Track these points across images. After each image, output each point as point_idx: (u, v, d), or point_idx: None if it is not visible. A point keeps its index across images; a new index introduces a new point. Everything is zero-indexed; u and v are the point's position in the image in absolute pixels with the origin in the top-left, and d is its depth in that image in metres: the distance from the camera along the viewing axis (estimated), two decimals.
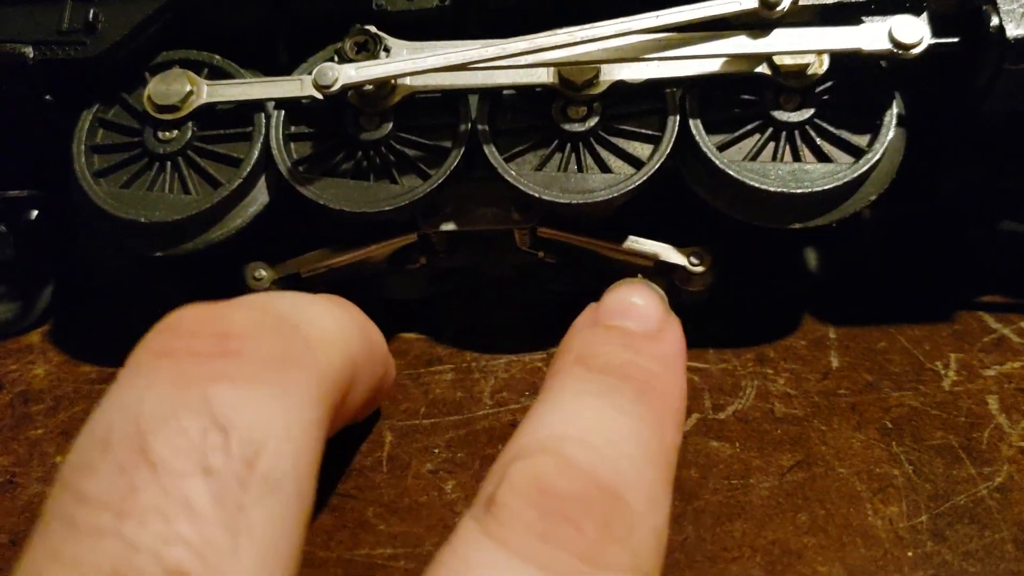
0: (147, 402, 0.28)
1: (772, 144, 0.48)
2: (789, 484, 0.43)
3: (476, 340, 0.54)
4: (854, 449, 0.45)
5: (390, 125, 0.49)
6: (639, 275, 0.52)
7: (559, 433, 0.32)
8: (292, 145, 0.50)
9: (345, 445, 0.47)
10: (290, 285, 0.52)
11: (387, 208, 0.48)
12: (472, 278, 0.57)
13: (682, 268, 0.50)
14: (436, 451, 0.46)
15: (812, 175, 0.47)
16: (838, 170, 0.47)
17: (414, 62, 0.46)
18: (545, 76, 0.48)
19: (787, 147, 0.48)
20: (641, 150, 0.48)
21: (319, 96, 0.48)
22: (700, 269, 0.50)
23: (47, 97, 0.51)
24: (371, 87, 0.48)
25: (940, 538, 0.39)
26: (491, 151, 0.48)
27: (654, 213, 0.52)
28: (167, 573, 0.24)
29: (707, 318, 0.54)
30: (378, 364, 0.42)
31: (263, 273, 0.51)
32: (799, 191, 0.47)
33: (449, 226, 0.51)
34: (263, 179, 0.50)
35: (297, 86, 0.50)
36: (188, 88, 0.50)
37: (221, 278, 0.53)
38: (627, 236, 0.51)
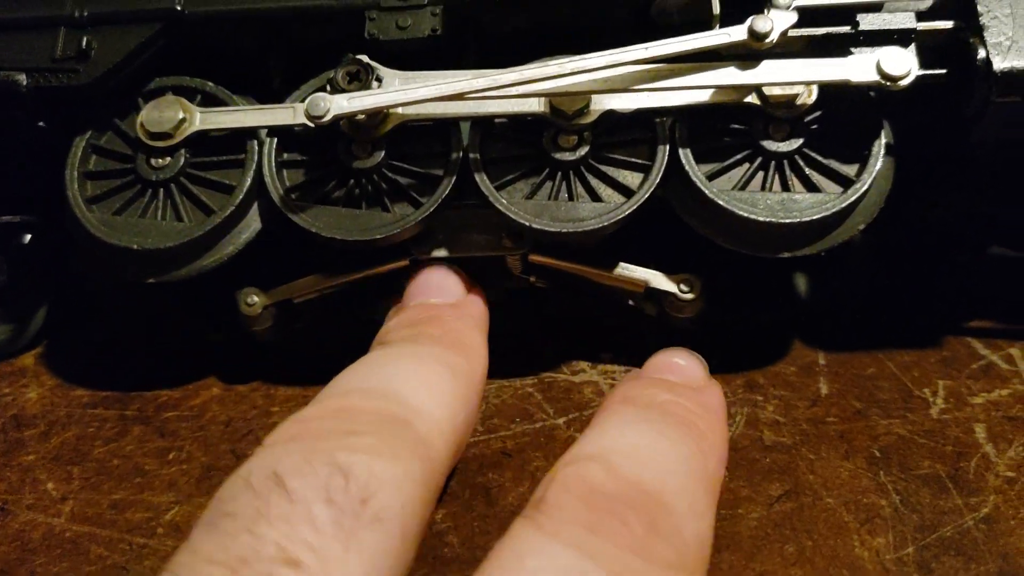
0: (283, 459, 0.32)
1: (761, 173, 0.48)
2: (777, 514, 0.43)
3: None
4: (842, 479, 0.45)
5: (382, 153, 0.49)
6: (630, 302, 0.53)
7: (608, 447, 0.35)
8: (285, 172, 0.50)
9: None
10: (282, 310, 0.52)
11: (379, 236, 0.48)
12: None
13: (672, 295, 0.50)
14: None
15: (801, 205, 0.47)
16: (827, 200, 0.47)
17: (406, 93, 0.46)
18: (536, 105, 0.49)
19: (776, 177, 0.48)
20: (631, 179, 0.49)
21: (311, 125, 0.48)
22: (690, 296, 0.50)
23: (40, 124, 0.51)
24: (363, 117, 0.48)
25: (926, 570, 0.40)
26: (482, 179, 0.49)
27: (644, 240, 0.52)
28: (285, 561, 0.28)
29: (697, 344, 0.54)
30: (478, 411, 0.45)
31: (255, 299, 0.51)
32: (788, 221, 0.47)
33: (441, 252, 0.51)
34: (255, 206, 0.50)
35: (290, 114, 0.50)
36: (181, 115, 0.50)
37: (213, 304, 0.53)
38: (618, 263, 0.51)
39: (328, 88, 0.48)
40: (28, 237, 0.54)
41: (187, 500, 0.46)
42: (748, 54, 0.47)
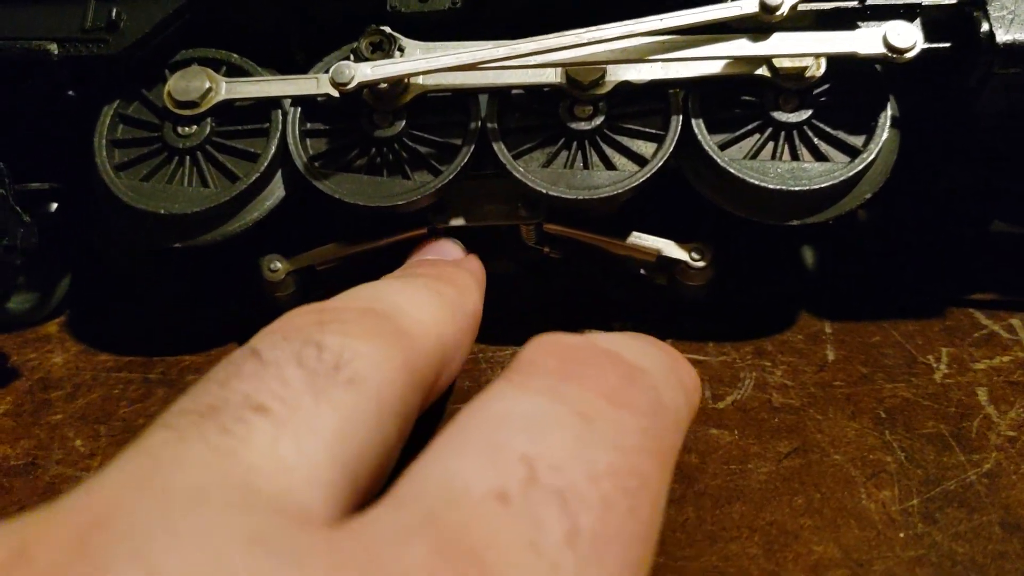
0: (263, 339, 0.33)
1: (771, 144, 0.50)
2: (786, 469, 0.44)
3: (484, 331, 0.55)
4: (848, 437, 0.46)
5: (403, 123, 0.51)
6: (642, 271, 0.54)
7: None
8: (308, 141, 0.52)
9: None
10: (305, 277, 0.54)
11: (400, 202, 0.50)
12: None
13: (683, 263, 0.52)
14: None
15: (810, 173, 0.49)
16: (835, 169, 0.49)
17: (427, 61, 0.48)
18: (553, 76, 0.50)
19: (786, 146, 0.50)
20: (645, 148, 0.50)
21: (335, 94, 0.50)
22: (701, 264, 0.52)
23: (70, 93, 0.52)
24: (385, 86, 0.49)
25: (931, 520, 0.41)
26: (500, 148, 0.50)
27: (657, 210, 0.54)
28: (253, 407, 0.28)
29: (707, 314, 0.56)
30: (468, 345, 0.44)
31: (279, 265, 0.53)
32: (797, 188, 0.48)
33: (459, 221, 0.53)
34: (279, 174, 0.52)
35: (313, 84, 0.51)
36: (207, 85, 0.51)
37: (237, 270, 0.55)
38: (631, 232, 0.52)
39: (352, 58, 0.49)
40: (55, 205, 0.56)
41: None
42: (759, 27, 0.48)
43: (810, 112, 0.49)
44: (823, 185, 0.48)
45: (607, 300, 0.58)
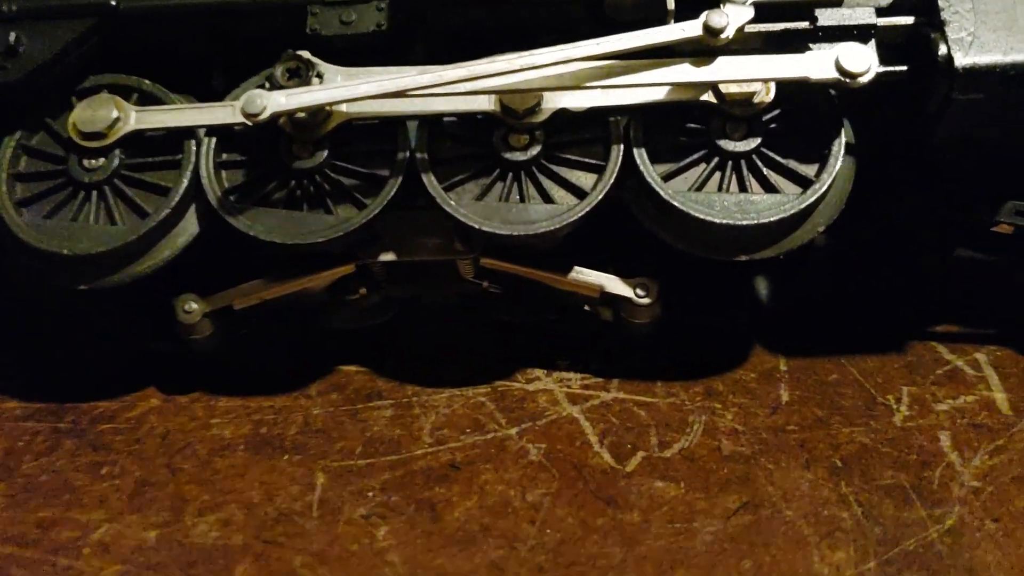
0: None
1: (718, 174, 0.47)
2: (734, 528, 0.41)
3: (419, 372, 0.52)
4: (802, 490, 0.43)
5: (325, 153, 0.47)
6: (586, 307, 0.51)
7: None
8: (223, 173, 0.48)
9: (273, 485, 0.45)
10: (223, 319, 0.50)
11: (320, 240, 0.46)
12: (415, 306, 0.56)
13: (628, 300, 0.49)
14: (370, 494, 0.44)
15: (759, 206, 0.46)
16: (785, 201, 0.46)
17: (347, 89, 0.44)
18: (486, 103, 0.47)
19: (733, 177, 0.47)
20: (585, 179, 0.47)
21: (249, 124, 0.46)
22: (646, 301, 0.48)
23: None
24: (304, 114, 0.46)
25: None
26: (430, 180, 0.47)
27: (600, 243, 0.50)
28: None
29: (655, 350, 0.53)
30: None
31: (194, 306, 0.49)
32: (745, 223, 0.45)
33: (389, 256, 0.49)
34: (192, 209, 0.48)
35: (229, 113, 0.48)
36: (115, 114, 0.48)
37: (151, 311, 0.51)
38: (572, 267, 0.49)
39: (267, 85, 0.46)
40: None
41: (117, 518, 0.44)
42: (703, 50, 0.45)
43: (759, 140, 0.46)
44: (773, 219, 0.45)
45: (552, 335, 0.54)
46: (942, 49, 0.43)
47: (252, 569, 0.40)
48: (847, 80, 0.44)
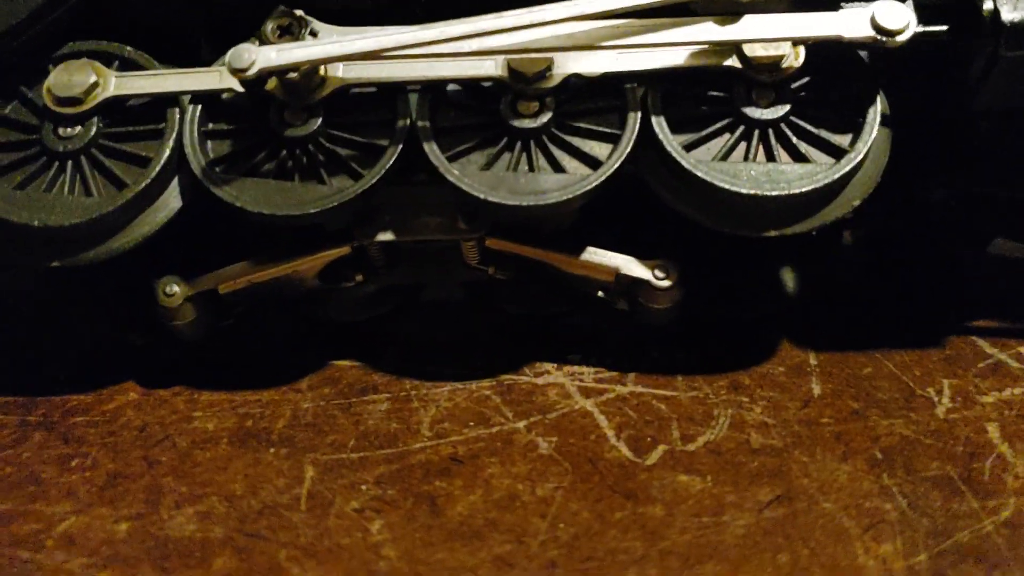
0: None
1: (744, 144, 0.43)
2: (767, 521, 0.37)
3: (418, 366, 0.48)
4: (840, 482, 0.39)
5: (319, 121, 0.44)
6: (600, 294, 0.47)
7: None
8: (209, 144, 0.45)
9: (258, 478, 0.41)
10: (207, 303, 0.46)
11: (313, 211, 0.42)
12: (415, 298, 0.52)
13: (646, 283, 0.45)
14: (364, 488, 0.40)
15: (788, 176, 0.42)
16: (817, 171, 0.42)
17: (342, 45, 0.41)
18: (493, 68, 0.43)
19: (760, 147, 0.43)
20: (599, 150, 0.44)
21: (239, 88, 0.43)
22: (666, 284, 0.45)
23: None
24: (296, 75, 0.42)
25: None
26: (432, 149, 0.43)
27: (616, 229, 0.47)
28: None
29: (675, 343, 0.49)
30: None
31: (176, 289, 0.45)
32: (774, 193, 0.42)
33: (387, 236, 0.45)
34: (175, 182, 0.45)
35: (215, 78, 0.44)
36: (93, 79, 0.44)
37: (129, 300, 0.47)
38: (585, 247, 0.45)
39: (256, 42, 0.43)
40: None
41: (86, 510, 0.40)
42: (727, 8, 0.42)
43: (788, 108, 0.43)
44: (804, 189, 0.42)
45: (563, 328, 0.51)
46: (987, 4, 0.40)
47: (232, 562, 0.36)
48: (883, 39, 0.41)
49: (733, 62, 0.43)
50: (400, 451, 0.42)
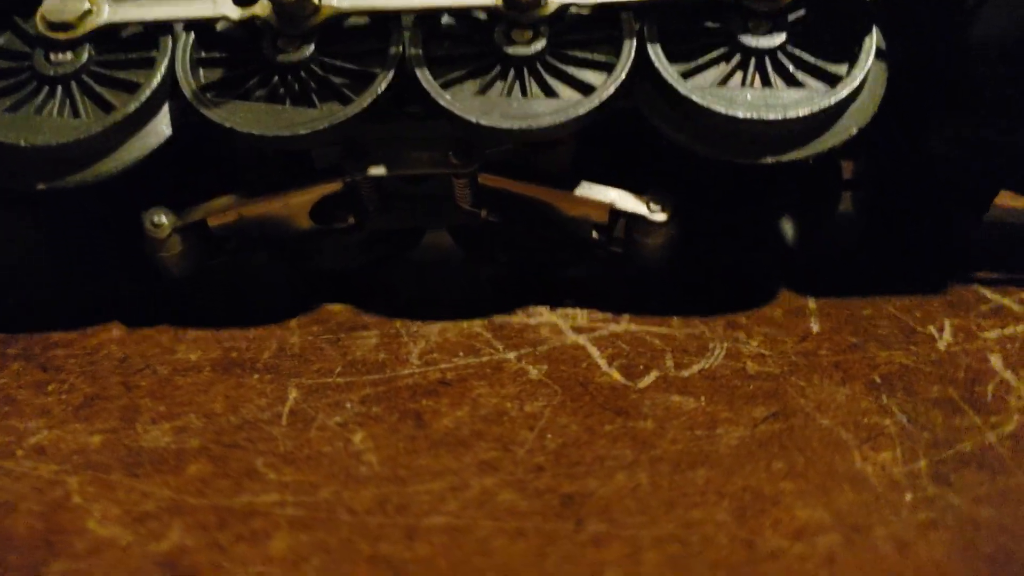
0: None
1: (740, 73, 0.43)
2: (762, 433, 0.36)
3: (409, 308, 0.47)
4: (838, 402, 0.38)
5: (311, 47, 0.43)
6: (594, 234, 0.47)
7: None
8: (201, 71, 0.44)
9: (239, 399, 0.40)
10: (196, 238, 0.46)
11: (303, 132, 0.42)
12: (408, 246, 0.51)
13: (640, 217, 0.44)
14: (348, 405, 0.39)
15: (785, 101, 0.42)
16: (814, 96, 0.42)
17: None
18: None
19: (757, 75, 0.43)
20: (594, 78, 0.43)
21: (234, 16, 0.43)
22: (661, 217, 0.44)
23: None
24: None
25: (944, 482, 0.32)
26: (424, 75, 0.43)
27: (612, 171, 0.46)
28: None
29: (672, 287, 0.48)
30: None
31: (163, 219, 0.45)
32: (771, 117, 0.41)
33: (378, 170, 0.45)
34: (166, 109, 0.44)
35: (209, 6, 0.44)
36: (86, 6, 0.44)
37: (120, 238, 0.47)
38: (579, 182, 0.45)
39: None
40: None
41: (60, 425, 0.38)
42: None
43: (784, 37, 0.43)
44: (801, 113, 0.41)
45: (557, 281, 0.50)
46: None
47: (207, 468, 0.35)
48: None
49: None
50: (387, 376, 0.41)
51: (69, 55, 0.44)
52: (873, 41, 0.43)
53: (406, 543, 0.30)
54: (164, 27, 0.45)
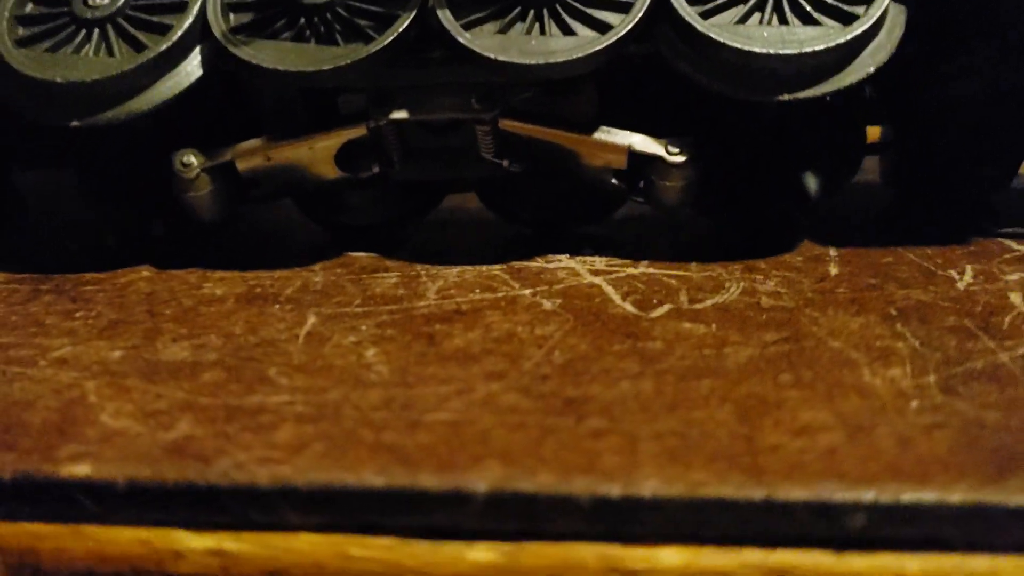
0: None
1: (758, 14, 0.43)
2: (772, 353, 0.36)
3: (430, 256, 0.48)
4: (851, 329, 0.38)
5: None
6: (614, 181, 0.47)
7: None
8: (231, 15, 0.46)
9: (259, 324, 0.40)
10: (225, 179, 0.47)
11: (327, 68, 0.43)
12: (432, 204, 0.52)
13: (659, 159, 0.44)
14: (363, 328, 0.40)
15: (801, 37, 0.42)
16: (830, 32, 0.42)
17: None
18: None
19: (774, 15, 0.43)
20: (612, 18, 0.44)
21: None
22: (679, 159, 0.44)
23: None
24: None
25: (952, 392, 0.32)
26: (445, 15, 0.44)
27: (633, 119, 0.47)
28: None
29: (690, 234, 0.48)
30: None
31: (192, 160, 0.46)
32: (787, 52, 0.42)
33: (401, 114, 0.46)
34: (197, 51, 0.46)
35: None
36: None
37: (149, 172, 0.48)
38: (600, 128, 0.45)
39: None
40: None
41: (83, 343, 0.39)
42: None
43: None
44: (817, 48, 0.41)
45: (576, 235, 0.50)
46: None
47: (220, 375, 0.36)
48: None
49: None
50: (404, 307, 0.41)
51: (107, 0, 0.46)
52: None
53: (408, 433, 0.30)
54: None
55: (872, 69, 0.43)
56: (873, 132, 0.53)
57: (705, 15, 0.43)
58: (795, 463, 0.29)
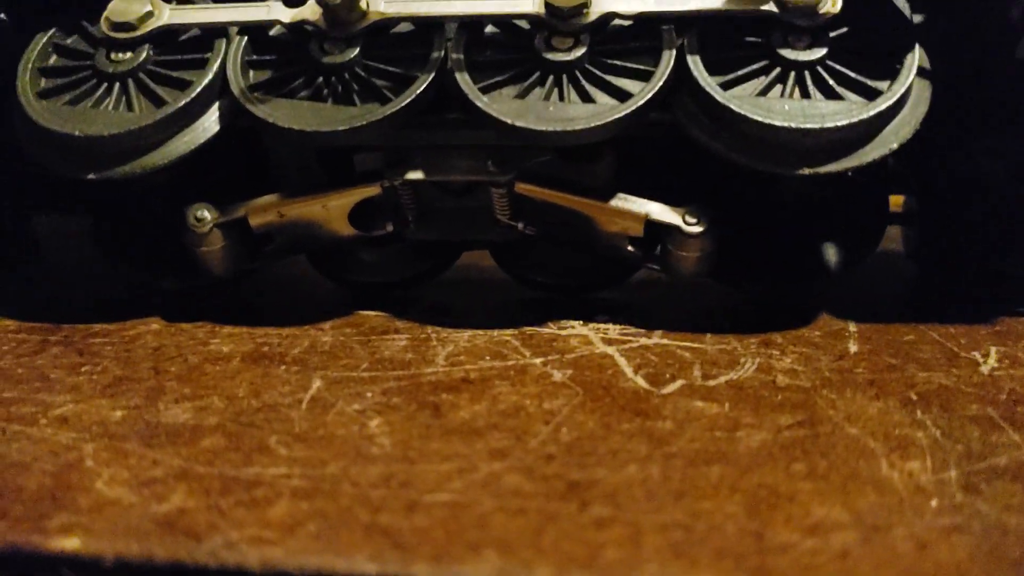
0: None
1: (779, 86, 0.43)
2: (785, 439, 0.35)
3: (441, 316, 0.48)
4: (869, 414, 0.37)
5: (356, 50, 0.44)
6: (629, 248, 0.46)
7: None
8: (251, 73, 0.46)
9: (264, 386, 0.40)
10: (237, 235, 0.46)
11: (342, 128, 0.43)
12: (446, 264, 0.52)
13: (676, 229, 0.44)
14: (369, 395, 0.39)
15: (823, 111, 0.41)
16: (852, 108, 0.41)
17: None
18: (530, 5, 0.44)
19: (796, 88, 0.42)
20: (631, 86, 0.43)
21: (285, 19, 0.44)
22: (696, 229, 0.43)
23: (1, 16, 0.47)
24: (339, 1, 0.43)
25: (974, 491, 0.31)
26: (464, 79, 0.43)
27: (650, 188, 0.46)
28: None
29: (707, 305, 0.47)
30: None
31: (205, 214, 0.46)
32: (808, 126, 0.41)
33: (416, 175, 0.45)
34: (215, 107, 0.45)
35: (264, 11, 0.46)
36: (148, 8, 0.46)
37: (163, 227, 0.48)
38: (615, 194, 0.45)
39: None
40: None
41: (86, 401, 0.39)
42: None
43: (824, 51, 0.42)
44: (839, 123, 0.41)
45: (591, 300, 0.50)
46: None
47: (220, 442, 0.35)
48: None
49: (770, 7, 0.43)
50: (412, 373, 0.41)
51: (129, 54, 0.46)
52: (915, 58, 0.42)
53: (405, 514, 0.29)
54: (219, 30, 0.46)
55: (895, 145, 0.42)
56: (896, 199, 0.52)
57: (725, 86, 0.43)
58: (806, 566, 0.28)
